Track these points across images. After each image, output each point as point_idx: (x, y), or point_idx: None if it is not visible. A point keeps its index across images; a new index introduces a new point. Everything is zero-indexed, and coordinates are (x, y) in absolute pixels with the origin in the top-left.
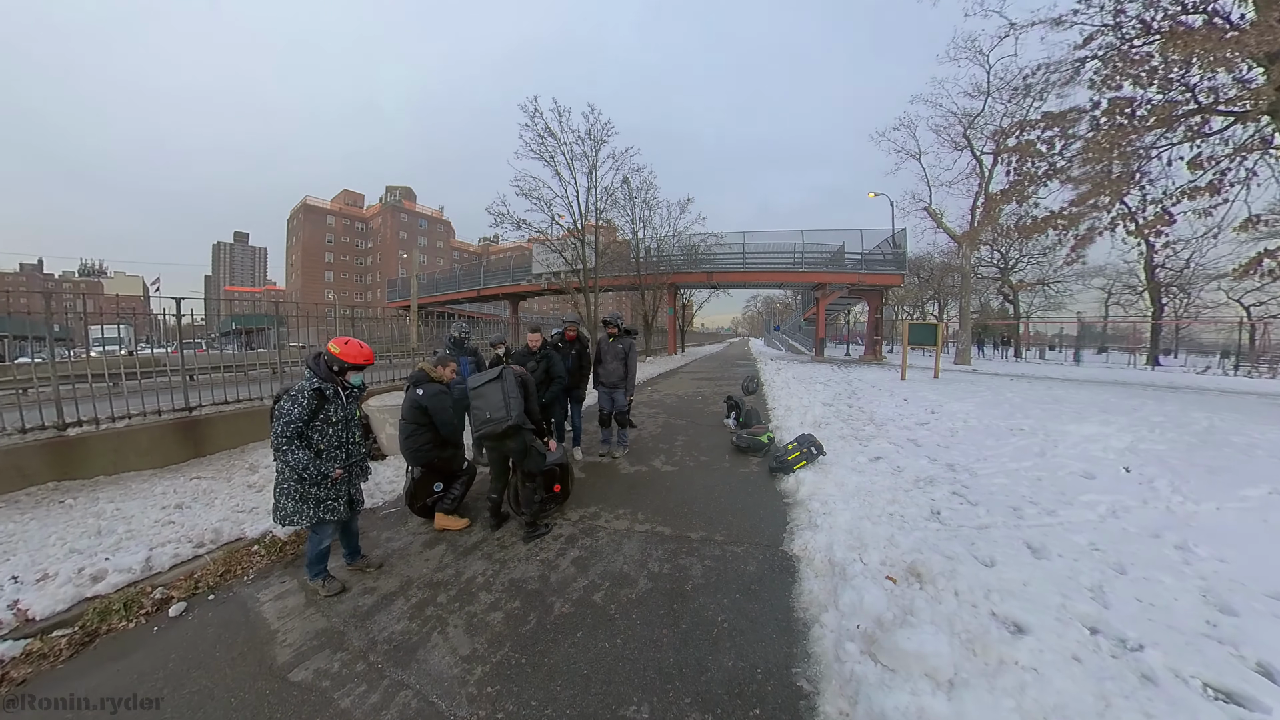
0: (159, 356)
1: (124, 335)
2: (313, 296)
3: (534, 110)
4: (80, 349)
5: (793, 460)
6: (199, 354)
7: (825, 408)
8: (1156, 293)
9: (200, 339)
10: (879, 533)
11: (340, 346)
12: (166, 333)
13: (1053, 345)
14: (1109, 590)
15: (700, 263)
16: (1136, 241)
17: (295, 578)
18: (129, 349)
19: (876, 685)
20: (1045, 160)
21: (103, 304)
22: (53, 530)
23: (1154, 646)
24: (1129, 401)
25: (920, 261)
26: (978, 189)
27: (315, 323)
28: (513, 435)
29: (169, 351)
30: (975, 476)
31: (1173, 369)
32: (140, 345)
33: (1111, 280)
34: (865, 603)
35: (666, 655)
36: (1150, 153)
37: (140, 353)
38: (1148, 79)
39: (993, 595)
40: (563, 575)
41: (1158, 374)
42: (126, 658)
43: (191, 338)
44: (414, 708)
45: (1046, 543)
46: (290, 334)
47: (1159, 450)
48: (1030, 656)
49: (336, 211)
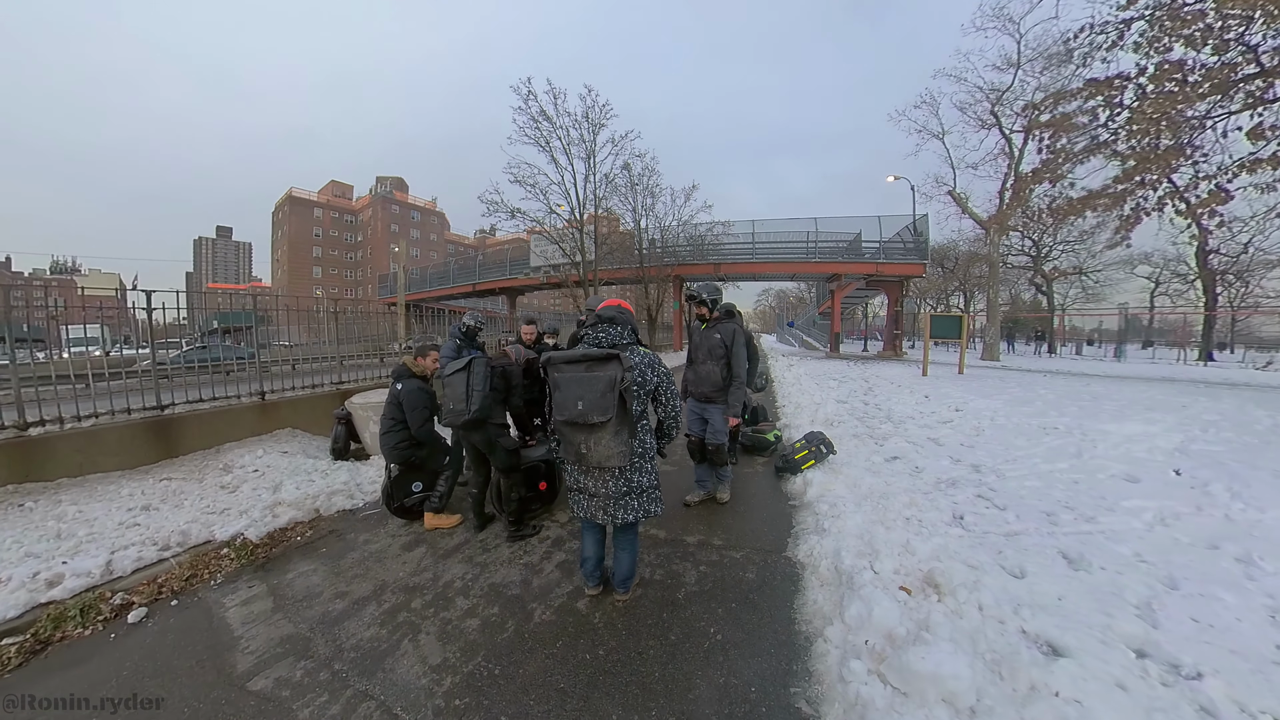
0: (136, 356)
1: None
2: (300, 292)
3: (527, 92)
4: (53, 349)
5: (800, 460)
6: None
7: (839, 405)
8: (1209, 281)
9: (182, 338)
10: (893, 538)
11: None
12: (145, 332)
13: (1091, 340)
14: (1159, 608)
15: (707, 253)
16: (1187, 223)
17: (265, 581)
18: (105, 349)
19: (885, 710)
20: (1086, 134)
21: (79, 302)
22: (8, 534)
23: (1214, 675)
24: (1178, 399)
25: (944, 250)
26: (1006, 170)
27: (301, 318)
28: (476, 428)
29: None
30: (1003, 479)
31: (1228, 365)
32: (118, 345)
33: (1158, 268)
34: (875, 616)
35: (651, 669)
36: (1204, 123)
37: (116, 352)
38: (1201, 39)
39: (1023, 610)
40: (546, 580)
41: (1211, 370)
42: (80, 666)
43: (176, 336)
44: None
45: (1085, 552)
46: (275, 332)
47: (1214, 451)
48: (1069, 683)
49: (324, 204)
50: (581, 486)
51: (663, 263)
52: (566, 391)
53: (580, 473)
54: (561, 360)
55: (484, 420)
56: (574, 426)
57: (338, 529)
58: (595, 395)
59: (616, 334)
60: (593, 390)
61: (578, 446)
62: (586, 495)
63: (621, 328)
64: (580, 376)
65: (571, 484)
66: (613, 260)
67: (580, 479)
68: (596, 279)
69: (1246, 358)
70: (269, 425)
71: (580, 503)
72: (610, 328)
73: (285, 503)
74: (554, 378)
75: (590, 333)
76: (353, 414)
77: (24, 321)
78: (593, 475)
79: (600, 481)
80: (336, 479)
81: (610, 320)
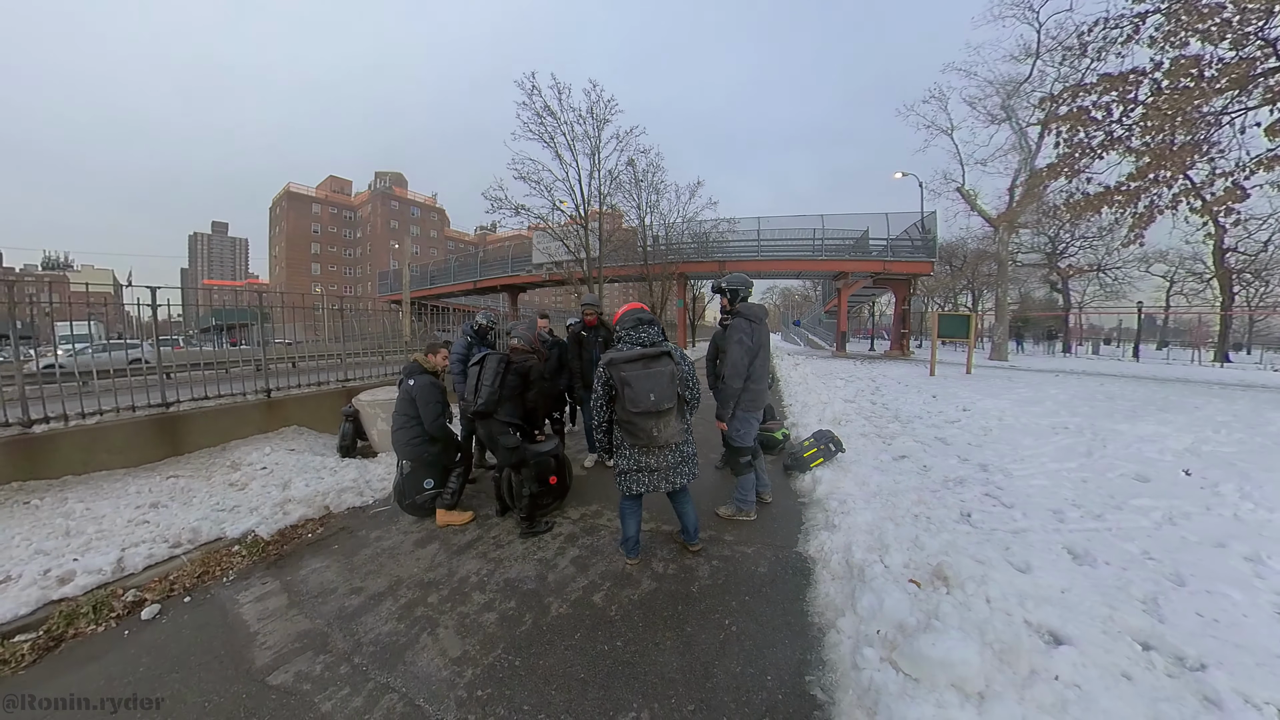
0: (132, 355)
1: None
2: (298, 290)
3: (531, 87)
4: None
5: (809, 457)
6: (176, 350)
7: (846, 404)
8: (1226, 280)
9: (178, 335)
10: (902, 534)
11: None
12: (141, 330)
13: (1109, 339)
14: (1165, 603)
15: (712, 251)
16: (1203, 221)
17: (278, 578)
18: (100, 347)
19: (898, 695)
20: (1101, 129)
21: (71, 297)
22: (16, 531)
23: (1218, 666)
24: (1191, 399)
25: (952, 248)
26: (1017, 166)
27: (302, 316)
28: (483, 420)
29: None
30: (1011, 478)
31: (1245, 366)
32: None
33: (1174, 266)
34: (886, 607)
35: (669, 659)
36: (1220, 119)
37: (113, 351)
38: (1219, 34)
39: (1028, 602)
40: (561, 575)
41: (1227, 371)
42: (95, 662)
43: (175, 334)
44: (399, 711)
45: (1091, 549)
46: (274, 329)
47: (1225, 452)
48: (1068, 669)
49: (322, 199)
50: (642, 466)
51: (667, 260)
52: (639, 387)
53: (642, 454)
54: (623, 360)
55: (489, 414)
56: (647, 415)
57: (349, 526)
58: (662, 387)
59: (655, 333)
60: (659, 383)
61: (649, 431)
62: (647, 472)
63: (656, 327)
64: (648, 373)
65: (629, 465)
66: (616, 258)
67: (641, 459)
68: (601, 276)
69: (1264, 359)
70: (275, 423)
71: (640, 480)
72: (650, 328)
73: (295, 500)
74: (622, 376)
75: (633, 333)
76: (360, 411)
77: (20, 319)
78: (654, 453)
79: (661, 457)
80: (345, 476)
81: (650, 322)
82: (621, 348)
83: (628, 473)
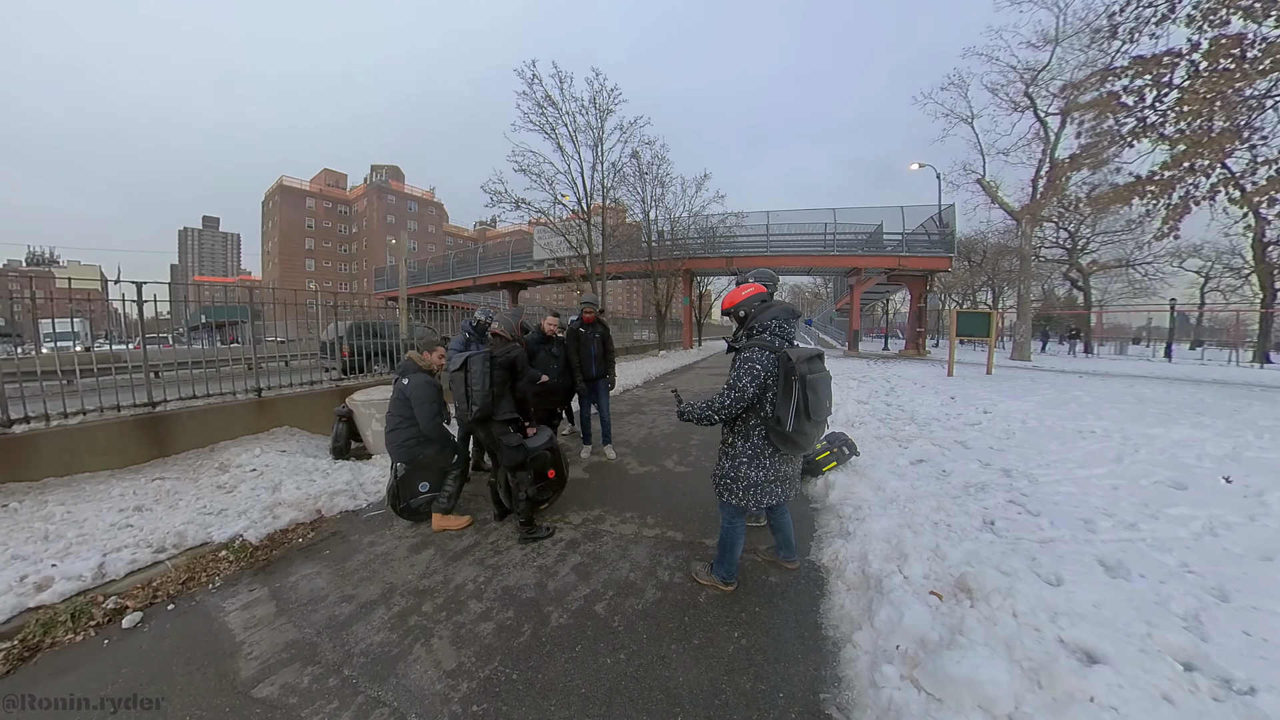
0: (119, 353)
1: (79, 330)
2: (292, 286)
3: (532, 76)
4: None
5: (821, 461)
6: (164, 349)
7: (860, 405)
8: (1267, 276)
9: (167, 333)
10: (922, 543)
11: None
12: (128, 328)
13: (1137, 339)
14: (1208, 620)
15: (719, 246)
16: (1243, 212)
17: (266, 585)
18: (85, 345)
19: (920, 717)
20: (1133, 115)
21: (56, 294)
22: None
23: (1270, 690)
24: (1229, 402)
25: (971, 243)
26: (1041, 156)
27: (295, 313)
28: (481, 425)
29: (130, 347)
30: (1036, 484)
31: None
32: (98, 341)
33: (1209, 261)
34: (906, 620)
35: (675, 674)
36: (1263, 103)
37: (98, 349)
38: (1263, 10)
39: (1060, 619)
40: (562, 583)
41: (1267, 373)
42: (72, 672)
43: (156, 332)
44: None
45: (1125, 560)
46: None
47: (1270, 459)
48: (1104, 690)
49: (316, 193)
50: (780, 475)
51: (672, 255)
52: (822, 392)
53: (784, 463)
54: (804, 359)
55: (488, 417)
56: (817, 423)
57: (341, 530)
58: (830, 390)
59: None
60: (829, 386)
61: (811, 439)
62: (781, 482)
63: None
64: (824, 376)
65: (765, 476)
66: (620, 253)
67: (783, 469)
68: (604, 272)
69: None
70: (266, 423)
71: (773, 491)
72: (797, 323)
73: (285, 503)
74: (810, 380)
75: (785, 326)
76: (354, 412)
77: (2, 315)
78: (792, 462)
79: (795, 465)
80: (338, 479)
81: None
82: (770, 339)
83: (761, 484)
